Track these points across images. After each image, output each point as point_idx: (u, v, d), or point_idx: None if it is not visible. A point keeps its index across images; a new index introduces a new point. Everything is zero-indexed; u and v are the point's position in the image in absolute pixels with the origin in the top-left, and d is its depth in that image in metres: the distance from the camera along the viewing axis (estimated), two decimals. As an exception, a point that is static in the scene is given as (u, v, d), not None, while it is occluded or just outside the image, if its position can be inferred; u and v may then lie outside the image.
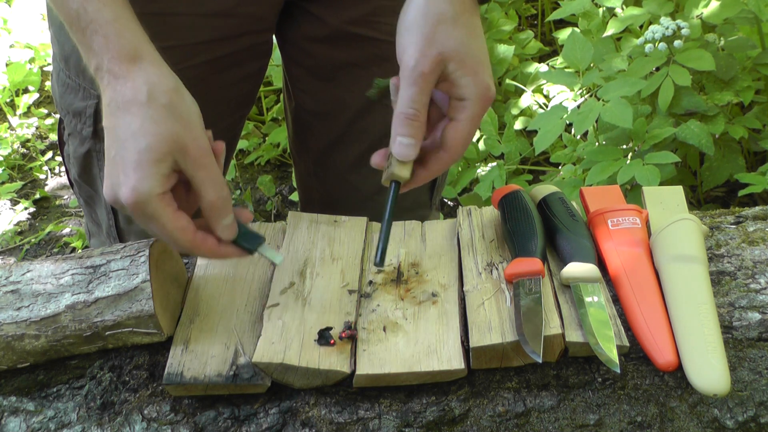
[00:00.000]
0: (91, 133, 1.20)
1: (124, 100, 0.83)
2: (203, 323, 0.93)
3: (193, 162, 0.84)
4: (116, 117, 0.84)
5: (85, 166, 1.25)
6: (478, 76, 0.87)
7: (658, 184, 1.73)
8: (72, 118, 1.22)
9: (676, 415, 0.85)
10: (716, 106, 1.93)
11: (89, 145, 1.21)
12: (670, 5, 2.11)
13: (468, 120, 0.88)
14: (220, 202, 0.86)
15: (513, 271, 0.93)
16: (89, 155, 1.23)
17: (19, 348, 0.90)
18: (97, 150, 1.21)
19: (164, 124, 0.83)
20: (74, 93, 1.20)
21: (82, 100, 1.19)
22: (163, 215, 0.83)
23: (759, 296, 0.92)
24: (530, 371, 0.88)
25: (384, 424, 0.85)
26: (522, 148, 2.28)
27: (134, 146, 0.82)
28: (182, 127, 0.84)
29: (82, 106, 1.19)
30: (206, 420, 0.87)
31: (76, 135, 1.22)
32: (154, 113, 0.83)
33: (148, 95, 0.83)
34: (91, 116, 1.18)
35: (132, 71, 0.84)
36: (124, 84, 0.84)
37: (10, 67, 3.19)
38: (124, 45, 0.84)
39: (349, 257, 1.01)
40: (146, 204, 0.82)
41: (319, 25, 1.22)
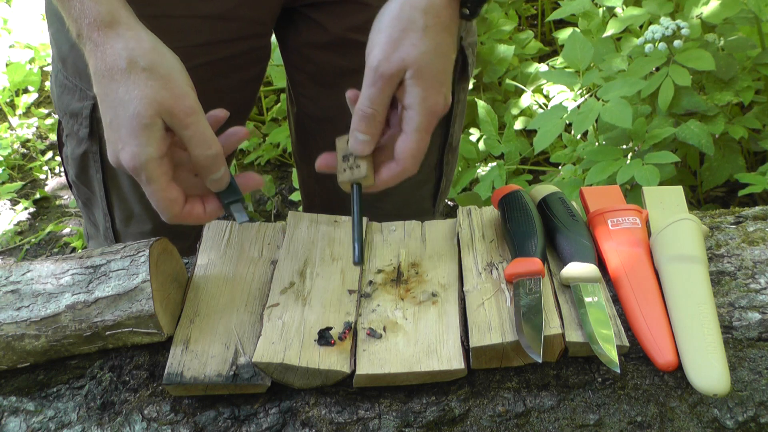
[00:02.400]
0: (87, 134, 1.20)
1: (107, 67, 0.86)
2: (203, 323, 0.93)
3: (179, 122, 0.86)
4: (103, 85, 0.86)
5: (82, 167, 1.26)
6: (429, 90, 0.89)
7: (658, 184, 1.74)
8: (69, 119, 1.22)
9: (676, 415, 0.85)
10: (716, 106, 1.93)
11: (86, 146, 1.22)
12: (670, 5, 2.11)
13: (414, 132, 0.90)
14: (207, 161, 0.88)
15: (513, 271, 0.93)
16: (86, 156, 1.23)
17: (19, 348, 0.90)
18: (93, 151, 1.22)
19: (146, 87, 0.85)
20: (71, 94, 1.20)
21: (79, 101, 1.19)
22: (157, 183, 0.87)
23: (759, 296, 0.92)
24: (530, 371, 0.88)
25: (384, 424, 0.85)
26: (522, 148, 2.28)
27: (124, 113, 0.85)
28: (165, 88, 0.86)
29: (79, 107, 1.19)
30: (206, 420, 0.87)
31: (74, 136, 1.23)
32: (136, 77, 0.85)
33: (128, 61, 0.85)
34: (87, 117, 1.19)
35: (110, 37, 0.86)
36: (104, 51, 0.86)
37: (10, 67, 3.19)
38: (99, 11, 0.86)
39: (349, 257, 1.01)
40: (143, 169, 0.85)
41: (321, 32, 1.22)
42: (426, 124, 0.90)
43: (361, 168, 0.92)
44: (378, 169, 0.93)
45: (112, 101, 0.86)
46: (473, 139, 2.40)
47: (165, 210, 0.89)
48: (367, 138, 0.91)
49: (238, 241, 1.04)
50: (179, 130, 0.87)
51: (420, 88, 0.89)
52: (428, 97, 0.89)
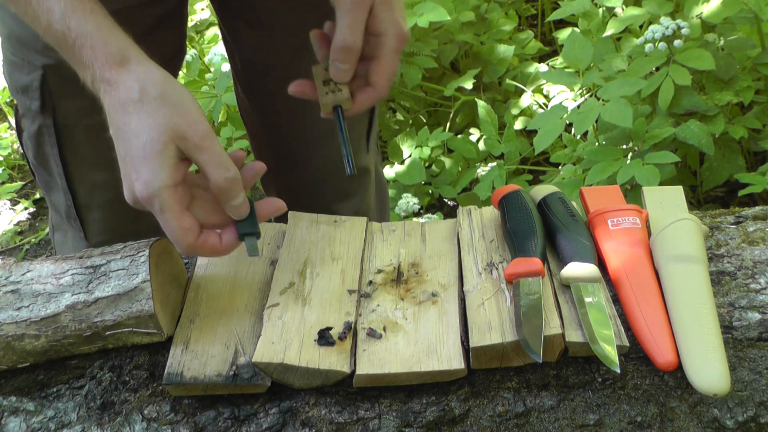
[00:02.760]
0: (39, 107, 1.20)
1: (120, 102, 0.86)
2: (203, 323, 0.93)
3: (194, 146, 0.86)
4: (117, 120, 0.87)
5: (38, 146, 1.25)
6: (394, 14, 0.95)
7: (658, 184, 1.73)
8: (21, 96, 1.22)
9: (676, 415, 0.85)
10: (716, 106, 1.93)
11: (39, 121, 1.21)
12: (670, 5, 2.11)
13: (387, 55, 0.95)
14: (226, 183, 0.87)
15: (513, 271, 0.93)
16: (40, 133, 1.23)
17: (19, 348, 0.90)
18: (47, 125, 1.21)
19: (159, 114, 0.85)
20: (20, 70, 1.20)
21: (27, 74, 1.19)
22: (170, 212, 0.85)
23: (759, 296, 0.92)
24: (530, 371, 0.88)
25: (384, 424, 0.85)
26: (522, 148, 2.28)
27: (138, 142, 0.85)
28: (177, 114, 0.86)
29: (28, 81, 1.19)
30: (206, 420, 0.87)
31: (28, 114, 1.22)
32: (148, 107, 0.85)
33: (140, 92, 0.86)
34: (37, 89, 1.18)
35: (122, 74, 0.86)
36: (117, 88, 0.86)
37: (10, 67, 3.18)
38: (111, 52, 0.87)
39: (349, 257, 1.01)
40: (156, 197, 0.85)
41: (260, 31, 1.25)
42: (397, 46, 0.95)
43: (343, 91, 0.96)
44: (354, 95, 0.98)
45: (125, 134, 0.86)
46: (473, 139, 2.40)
47: (180, 239, 0.87)
48: (348, 67, 0.95)
49: (238, 241, 1.04)
50: (195, 154, 0.86)
51: (389, 13, 0.95)
52: (396, 20, 0.95)
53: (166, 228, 0.87)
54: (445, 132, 2.38)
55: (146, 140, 0.84)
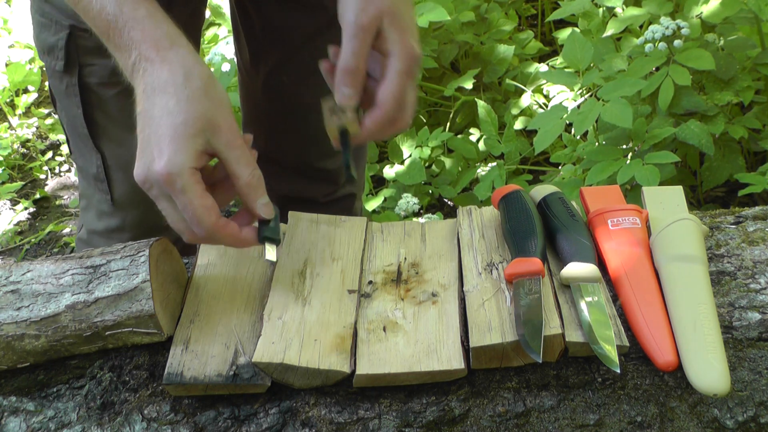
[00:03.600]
0: (63, 67, 1.21)
1: (161, 81, 0.87)
2: (203, 323, 0.93)
3: (227, 141, 0.88)
4: (152, 98, 0.87)
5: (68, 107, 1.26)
6: (405, 34, 0.93)
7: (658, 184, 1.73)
8: (47, 56, 1.23)
9: (676, 415, 0.85)
10: (716, 106, 1.93)
11: (66, 81, 1.22)
12: (670, 5, 2.11)
13: (395, 75, 0.93)
14: (255, 180, 0.89)
15: (513, 271, 0.93)
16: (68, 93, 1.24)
17: (19, 348, 0.90)
18: (71, 84, 1.23)
19: (200, 103, 0.87)
20: (47, 30, 1.21)
21: (54, 34, 1.20)
22: (193, 190, 0.86)
23: (759, 296, 0.92)
24: (530, 371, 0.88)
25: (384, 424, 0.85)
26: (522, 148, 2.28)
27: (170, 121, 0.86)
28: (216, 108, 0.88)
29: (54, 40, 1.20)
30: (206, 420, 0.87)
31: (55, 75, 1.23)
32: (191, 93, 0.87)
33: (185, 76, 0.87)
34: (62, 48, 1.20)
35: (168, 55, 0.88)
36: (161, 67, 0.88)
37: (9, 67, 3.19)
38: (160, 35, 0.89)
39: (349, 257, 1.01)
40: (179, 176, 0.85)
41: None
42: (406, 67, 0.93)
43: (347, 113, 0.95)
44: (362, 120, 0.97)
45: (156, 113, 0.86)
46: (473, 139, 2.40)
47: (201, 218, 0.87)
48: (350, 90, 0.95)
49: (238, 241, 1.04)
50: (226, 150, 0.87)
51: (397, 34, 0.93)
52: (405, 41, 0.93)
53: (186, 208, 0.86)
54: (445, 132, 2.38)
55: (181, 121, 0.85)
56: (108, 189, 1.30)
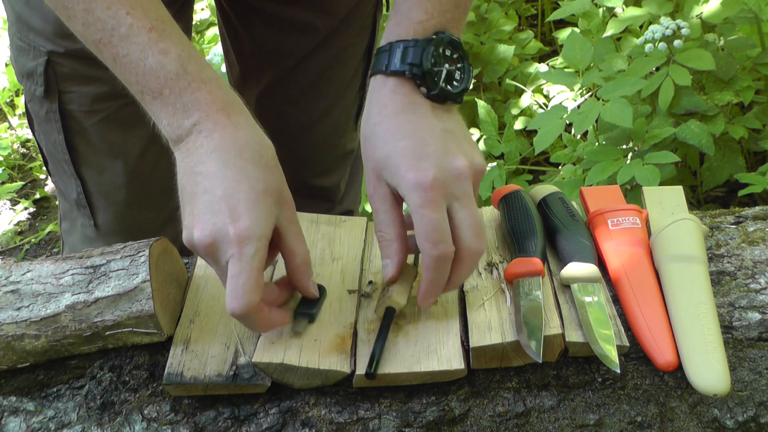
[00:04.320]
0: (43, 93, 1.19)
1: (237, 144, 0.84)
2: (203, 323, 0.93)
3: (290, 216, 0.85)
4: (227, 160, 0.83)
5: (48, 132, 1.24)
6: (401, 171, 0.85)
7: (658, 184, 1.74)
8: (26, 80, 1.22)
9: (676, 415, 0.85)
10: (716, 106, 1.93)
11: (46, 106, 1.21)
12: (670, 5, 2.11)
13: (414, 214, 0.85)
14: (309, 259, 0.88)
15: (513, 271, 0.93)
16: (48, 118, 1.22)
17: (19, 348, 0.90)
18: (53, 110, 1.21)
19: (273, 174, 0.85)
20: (26, 54, 1.20)
21: (33, 59, 1.18)
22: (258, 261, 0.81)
23: (759, 296, 0.92)
24: (530, 371, 0.88)
25: (384, 424, 0.85)
26: (522, 148, 2.28)
27: (250, 187, 0.82)
28: (283, 181, 0.86)
29: (33, 66, 1.19)
30: (206, 420, 0.87)
31: (34, 99, 1.22)
32: (267, 162, 0.85)
33: (259, 144, 0.85)
34: (41, 74, 1.18)
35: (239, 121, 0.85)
36: (235, 132, 0.84)
37: (9, 67, 3.19)
38: (229, 99, 0.86)
39: (349, 257, 1.01)
40: (257, 240, 0.81)
41: None
42: (419, 201, 0.84)
43: (390, 291, 0.90)
44: None
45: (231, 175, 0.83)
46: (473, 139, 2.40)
47: (248, 293, 0.81)
48: (387, 261, 0.90)
49: (238, 241, 1.04)
50: (288, 224, 0.85)
51: (396, 176, 0.86)
52: (405, 176, 0.85)
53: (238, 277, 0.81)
54: (445, 132, 2.38)
55: (261, 189, 0.82)
56: (91, 215, 1.28)
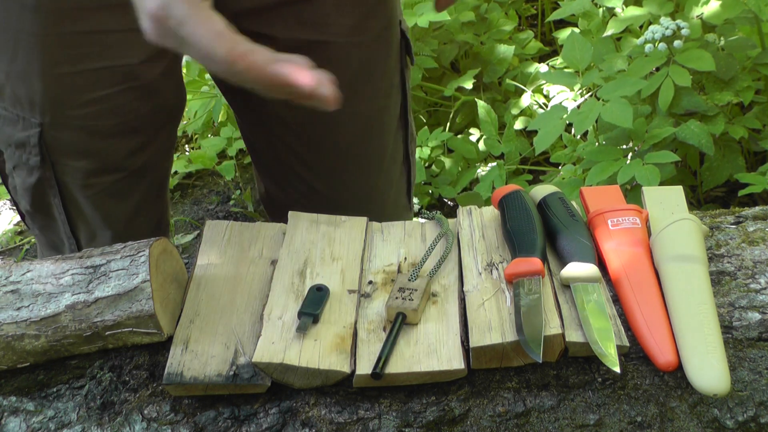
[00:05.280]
0: (39, 162, 1.17)
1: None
2: (203, 323, 0.93)
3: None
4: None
5: (37, 196, 1.23)
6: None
7: (658, 184, 1.74)
8: (15, 150, 1.19)
9: (676, 415, 0.85)
10: (716, 106, 1.93)
11: (39, 173, 1.19)
12: (670, 5, 2.11)
13: None
14: None
15: (513, 271, 0.93)
16: (40, 184, 1.21)
17: (19, 348, 0.90)
18: (47, 177, 1.19)
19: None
20: (12, 125, 1.16)
21: (23, 130, 1.16)
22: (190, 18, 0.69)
23: (759, 296, 0.92)
24: (530, 371, 0.88)
25: (384, 424, 0.85)
26: (522, 148, 2.28)
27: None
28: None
29: (24, 137, 1.16)
30: (206, 420, 0.87)
31: (23, 166, 1.19)
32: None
33: None
34: (36, 145, 1.15)
35: None
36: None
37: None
38: None
39: (349, 257, 1.01)
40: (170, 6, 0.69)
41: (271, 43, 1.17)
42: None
43: (414, 301, 0.91)
44: None
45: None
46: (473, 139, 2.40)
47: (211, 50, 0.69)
48: None
49: (238, 241, 1.04)
50: None
51: None
52: None
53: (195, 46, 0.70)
54: (445, 132, 2.39)
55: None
56: None
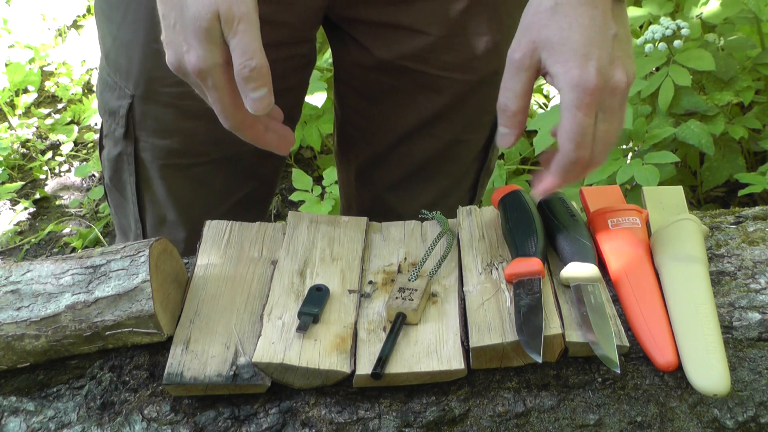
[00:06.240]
0: (122, 134, 1.19)
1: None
2: (203, 323, 0.93)
3: (230, 27, 0.83)
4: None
5: (116, 170, 1.25)
6: (568, 64, 0.83)
7: (657, 184, 1.74)
8: (108, 117, 1.21)
9: (676, 415, 0.85)
10: (716, 106, 1.93)
11: (121, 147, 1.21)
12: (670, 5, 2.11)
13: (565, 111, 0.83)
14: (247, 72, 0.83)
15: (513, 271, 0.93)
16: (120, 158, 1.23)
17: (19, 348, 0.90)
18: (128, 153, 1.21)
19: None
20: (111, 91, 1.19)
21: (117, 99, 1.18)
22: (223, 88, 0.85)
23: (759, 296, 0.92)
24: (530, 371, 0.88)
25: (384, 424, 0.85)
26: (522, 148, 2.28)
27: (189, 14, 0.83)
28: None
29: (117, 106, 1.18)
30: (206, 420, 0.87)
31: (111, 136, 1.22)
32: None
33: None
34: (123, 116, 1.18)
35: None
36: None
37: (9, 67, 3.19)
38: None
39: (349, 257, 1.01)
40: (210, 73, 0.84)
41: (366, 55, 1.20)
42: (574, 101, 0.82)
43: (414, 302, 0.91)
44: None
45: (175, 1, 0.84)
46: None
47: (229, 115, 0.87)
48: (506, 130, 0.88)
49: (238, 241, 1.04)
50: (229, 37, 0.84)
51: (559, 65, 0.83)
52: (569, 72, 0.82)
53: (216, 103, 0.87)
54: (445, 132, 2.38)
55: (195, 14, 0.82)
56: None
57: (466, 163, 1.33)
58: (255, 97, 0.85)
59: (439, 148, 1.29)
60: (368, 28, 1.18)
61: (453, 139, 1.29)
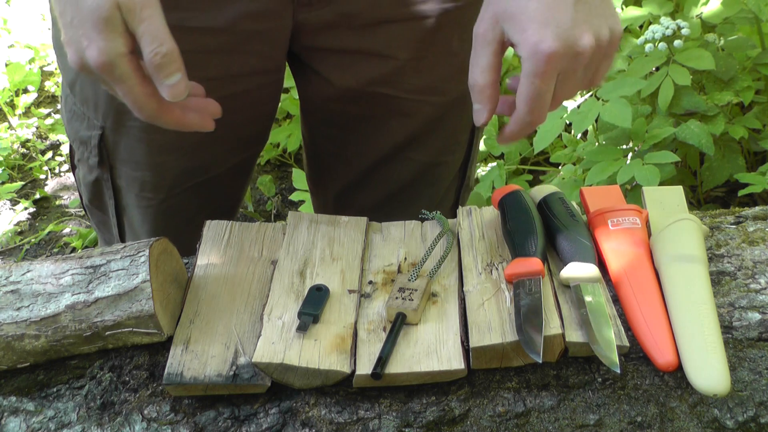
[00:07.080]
0: (97, 163, 1.19)
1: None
2: (203, 323, 0.93)
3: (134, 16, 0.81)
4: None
5: (95, 193, 1.25)
6: (526, 33, 0.83)
7: (658, 184, 1.74)
8: (80, 145, 1.21)
9: (676, 415, 0.85)
10: (716, 106, 1.93)
11: (97, 173, 1.21)
12: (670, 5, 2.11)
13: (523, 78, 0.84)
14: (159, 59, 0.81)
15: (513, 271, 0.93)
16: (98, 183, 1.23)
17: (19, 348, 0.90)
18: (105, 179, 1.21)
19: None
20: (80, 121, 1.19)
21: (87, 129, 1.18)
22: (131, 78, 0.82)
23: (759, 296, 0.92)
24: (530, 371, 0.88)
25: (384, 424, 0.85)
26: (522, 148, 2.28)
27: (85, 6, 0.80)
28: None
29: (87, 136, 1.18)
30: (206, 420, 0.87)
31: (84, 162, 1.22)
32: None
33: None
34: (95, 146, 1.17)
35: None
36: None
37: (9, 67, 3.19)
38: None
39: (349, 257, 1.01)
40: (114, 65, 0.81)
41: (326, 86, 1.18)
42: (533, 68, 0.82)
43: (414, 302, 0.91)
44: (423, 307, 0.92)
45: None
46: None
47: (142, 106, 0.84)
48: (479, 106, 0.87)
49: (238, 241, 1.04)
50: (134, 26, 0.81)
51: (518, 34, 0.83)
52: (527, 40, 0.82)
53: (127, 96, 0.83)
54: (445, 132, 2.38)
55: (92, 5, 0.79)
56: None
57: (445, 184, 1.33)
58: (170, 84, 0.82)
59: (417, 171, 1.28)
60: (332, 56, 1.15)
61: (430, 162, 1.28)
